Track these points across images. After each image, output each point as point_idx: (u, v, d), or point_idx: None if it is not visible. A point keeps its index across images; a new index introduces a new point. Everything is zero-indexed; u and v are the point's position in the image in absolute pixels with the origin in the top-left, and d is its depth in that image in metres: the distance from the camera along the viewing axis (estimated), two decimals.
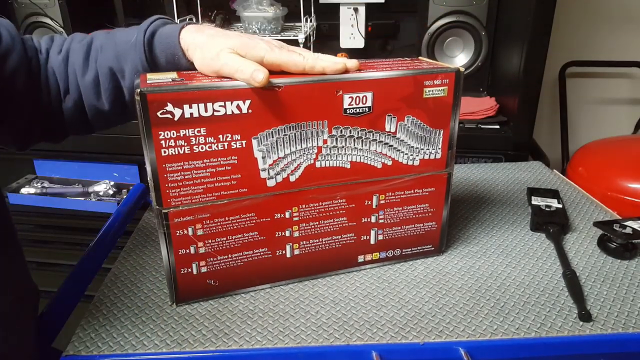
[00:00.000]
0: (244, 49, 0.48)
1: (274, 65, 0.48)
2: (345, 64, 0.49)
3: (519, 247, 0.64)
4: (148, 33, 0.50)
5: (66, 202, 1.29)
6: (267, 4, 1.31)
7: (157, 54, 0.51)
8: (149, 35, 0.50)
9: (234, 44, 0.48)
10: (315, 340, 0.48)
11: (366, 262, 0.59)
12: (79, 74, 0.52)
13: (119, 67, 0.51)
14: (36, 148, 0.55)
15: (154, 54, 0.51)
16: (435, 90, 0.52)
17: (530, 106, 1.12)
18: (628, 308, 0.52)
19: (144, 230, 0.70)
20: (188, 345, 0.48)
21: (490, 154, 1.17)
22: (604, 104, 1.71)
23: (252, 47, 0.48)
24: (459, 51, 1.33)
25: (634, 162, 1.18)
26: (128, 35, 0.51)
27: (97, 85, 0.52)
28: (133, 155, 1.28)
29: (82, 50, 0.52)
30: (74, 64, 0.52)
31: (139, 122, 0.44)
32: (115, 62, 0.51)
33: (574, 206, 0.75)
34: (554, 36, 1.06)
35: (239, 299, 0.54)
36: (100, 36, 0.53)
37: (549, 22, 1.04)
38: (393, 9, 1.44)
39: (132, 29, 0.52)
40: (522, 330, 0.49)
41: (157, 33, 0.51)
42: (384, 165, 0.54)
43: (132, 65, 0.51)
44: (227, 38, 0.49)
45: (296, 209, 0.53)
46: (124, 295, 0.55)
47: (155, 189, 0.47)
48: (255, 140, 0.48)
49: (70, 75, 0.52)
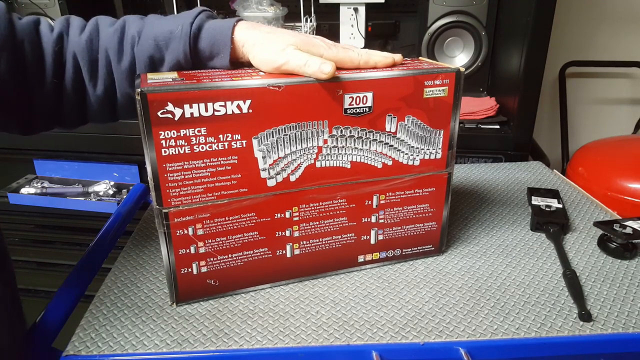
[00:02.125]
0: (306, 47, 0.49)
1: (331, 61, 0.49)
2: (393, 58, 0.53)
3: (519, 247, 0.64)
4: (195, 26, 0.51)
5: (66, 202, 1.29)
6: (267, 4, 1.31)
7: (203, 48, 0.51)
8: (196, 29, 0.51)
9: (296, 41, 0.50)
10: (315, 340, 0.48)
11: (366, 262, 0.59)
12: (114, 60, 0.51)
13: (160, 56, 0.51)
14: (36, 148, 0.55)
15: (198, 47, 0.51)
16: (436, 90, 0.52)
17: (530, 106, 1.12)
18: (628, 308, 0.52)
19: (144, 230, 0.70)
20: (188, 345, 0.48)
21: (490, 154, 1.17)
22: (604, 104, 1.71)
23: (313, 44, 0.50)
24: (459, 51, 1.33)
25: (634, 162, 1.18)
26: (169, 24, 0.51)
27: (133, 73, 0.52)
28: (133, 155, 1.28)
29: (115, 35, 0.51)
30: (107, 50, 0.51)
31: (139, 121, 0.44)
32: (157, 51, 0.51)
33: (574, 206, 0.75)
34: (554, 36, 1.06)
35: (239, 299, 0.54)
36: (133, 22, 0.52)
37: (549, 22, 1.04)
38: (393, 9, 1.44)
39: (171, 18, 0.52)
40: (522, 330, 0.49)
41: (205, 27, 0.51)
42: (384, 165, 0.54)
43: (174, 56, 0.51)
44: (288, 35, 0.50)
45: (296, 208, 0.53)
46: (124, 295, 0.55)
47: (156, 188, 0.47)
48: (255, 140, 0.48)
49: (101, 60, 0.51)
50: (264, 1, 1.30)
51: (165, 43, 0.51)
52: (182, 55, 0.51)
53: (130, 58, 0.51)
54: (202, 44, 0.51)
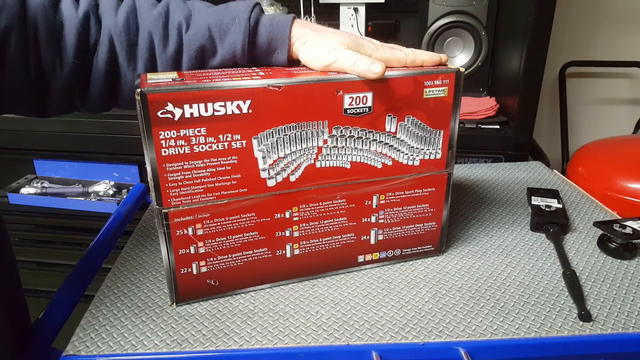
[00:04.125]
0: (356, 47, 0.50)
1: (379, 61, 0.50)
2: (441, 57, 0.53)
3: (519, 247, 0.64)
4: (253, 20, 0.50)
5: (66, 202, 1.29)
6: (267, 4, 1.31)
7: (261, 43, 0.51)
8: (254, 23, 0.51)
9: (347, 41, 0.50)
10: (315, 340, 0.48)
11: (366, 262, 0.59)
12: (159, 45, 0.50)
13: (212, 48, 0.51)
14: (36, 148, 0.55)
15: (257, 42, 0.51)
16: (436, 90, 0.52)
17: (530, 106, 1.12)
18: (628, 308, 0.52)
19: (144, 230, 0.70)
20: (188, 345, 0.48)
21: (490, 154, 1.17)
22: (604, 104, 1.72)
23: (361, 45, 0.51)
24: (459, 51, 1.33)
25: (634, 162, 1.18)
26: (222, 14, 0.50)
27: (178, 60, 0.51)
28: (133, 155, 1.28)
29: (160, 20, 0.50)
30: (151, 33, 0.50)
31: (139, 121, 0.44)
32: (209, 42, 0.50)
33: (574, 206, 0.75)
34: (554, 36, 1.06)
35: (239, 299, 0.54)
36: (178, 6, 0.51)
37: (549, 22, 1.04)
38: (393, 9, 1.44)
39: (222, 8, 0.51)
40: (522, 330, 0.49)
41: (262, 21, 0.51)
42: (384, 166, 0.54)
43: (230, 49, 0.51)
44: (338, 35, 0.51)
45: (296, 209, 0.53)
46: (124, 295, 0.55)
47: (155, 188, 0.47)
48: (255, 140, 0.48)
49: (143, 44, 0.50)
50: (264, 1, 1.31)
51: (220, 35, 0.50)
52: (239, 49, 0.50)
53: (176, 45, 0.50)
54: (260, 39, 0.51)
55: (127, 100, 0.53)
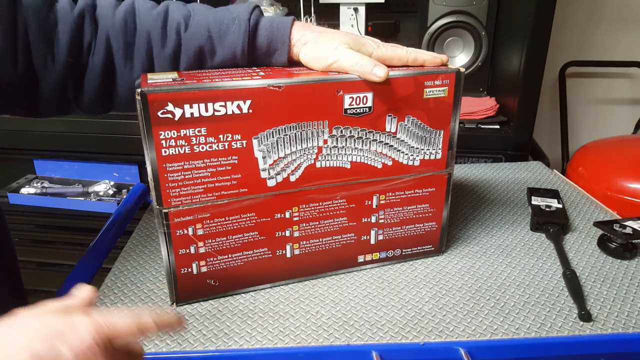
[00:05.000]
0: (356, 46, 0.50)
1: (380, 60, 0.50)
2: (442, 58, 0.54)
3: (519, 247, 0.64)
4: (252, 21, 0.51)
5: (66, 202, 1.29)
6: (267, 4, 1.31)
7: (260, 44, 0.52)
8: (254, 24, 0.51)
9: (348, 40, 0.50)
10: (315, 340, 0.48)
11: (366, 262, 0.59)
12: (157, 44, 0.51)
13: (211, 48, 0.51)
14: (36, 148, 0.55)
15: (256, 43, 0.52)
16: (436, 90, 0.52)
17: (530, 106, 1.12)
18: (628, 308, 0.52)
19: (144, 230, 0.70)
20: (188, 345, 0.48)
21: (490, 154, 1.17)
22: (604, 104, 1.71)
23: (363, 44, 0.51)
24: (459, 51, 1.33)
25: (634, 162, 1.18)
26: (221, 16, 0.51)
27: (176, 60, 0.51)
28: (133, 155, 1.28)
29: (158, 19, 0.51)
30: (149, 33, 0.50)
31: (139, 121, 0.44)
32: (208, 43, 0.51)
33: (574, 206, 0.75)
34: (554, 36, 1.06)
35: (239, 299, 0.54)
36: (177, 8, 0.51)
37: (549, 22, 1.04)
38: (393, 9, 1.44)
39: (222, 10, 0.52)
40: (522, 330, 0.49)
41: (261, 23, 0.51)
42: (384, 166, 0.54)
43: (230, 50, 0.51)
44: (338, 35, 0.51)
45: (296, 209, 0.53)
46: (124, 295, 0.55)
47: (156, 188, 0.47)
48: (255, 140, 0.48)
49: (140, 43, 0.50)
50: (264, 1, 1.31)
51: (219, 36, 0.51)
52: (239, 49, 0.51)
53: (175, 45, 0.51)
54: (260, 40, 0.51)
55: (124, 101, 0.54)
